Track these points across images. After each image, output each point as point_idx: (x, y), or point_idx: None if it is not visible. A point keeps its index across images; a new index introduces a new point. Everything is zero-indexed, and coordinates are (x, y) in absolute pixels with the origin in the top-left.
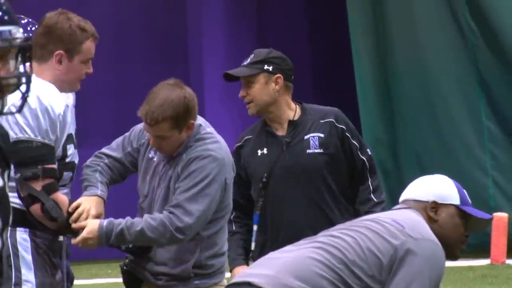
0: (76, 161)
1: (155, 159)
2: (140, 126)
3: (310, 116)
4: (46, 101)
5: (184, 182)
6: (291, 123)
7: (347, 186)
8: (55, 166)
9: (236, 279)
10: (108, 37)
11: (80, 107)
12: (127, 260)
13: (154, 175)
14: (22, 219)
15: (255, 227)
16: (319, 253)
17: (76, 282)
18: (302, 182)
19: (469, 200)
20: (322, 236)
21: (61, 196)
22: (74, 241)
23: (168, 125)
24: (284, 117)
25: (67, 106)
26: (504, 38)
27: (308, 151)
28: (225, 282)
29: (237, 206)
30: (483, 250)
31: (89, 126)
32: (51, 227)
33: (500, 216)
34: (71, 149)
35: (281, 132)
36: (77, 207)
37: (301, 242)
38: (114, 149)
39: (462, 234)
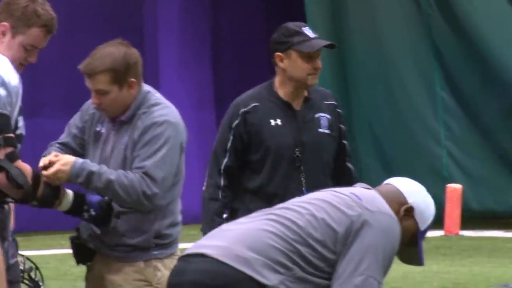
0: (24, 133)
1: (103, 131)
2: (85, 105)
3: (314, 95)
4: (3, 73)
5: (145, 149)
6: (306, 99)
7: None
8: (13, 135)
9: (189, 251)
10: (60, 6)
11: (32, 79)
12: (79, 232)
13: (105, 146)
14: None
15: None
16: (273, 225)
17: (30, 253)
18: (312, 160)
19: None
20: (277, 209)
21: (24, 164)
22: (46, 172)
23: (107, 78)
24: (304, 93)
25: (20, 77)
26: (459, 8)
27: (319, 129)
28: (178, 253)
29: (228, 175)
30: (437, 221)
31: (41, 98)
32: (16, 196)
33: (454, 187)
34: (21, 121)
35: (296, 106)
36: (49, 162)
37: (255, 214)
38: (63, 136)
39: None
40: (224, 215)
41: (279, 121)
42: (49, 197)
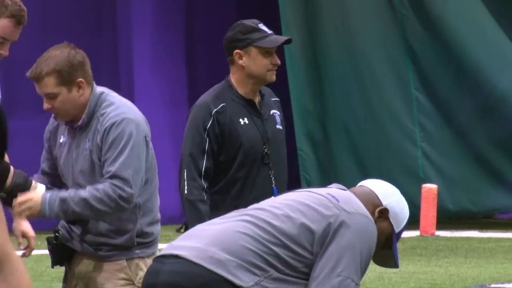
0: None
1: (65, 141)
2: (48, 124)
3: (263, 92)
4: None
5: (110, 152)
6: (263, 96)
7: None
8: None
9: (163, 252)
10: (35, 6)
11: (7, 79)
12: (58, 233)
13: (69, 154)
14: None
15: None
16: (247, 227)
17: None
18: (277, 156)
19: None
20: (252, 210)
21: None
22: (15, 209)
23: (53, 80)
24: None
25: None
26: (432, 8)
27: (277, 126)
28: (157, 253)
29: (207, 177)
30: (412, 221)
31: (17, 98)
32: None
33: (429, 187)
34: None
35: (256, 103)
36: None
37: (230, 214)
38: (41, 161)
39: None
40: None
41: (246, 120)
42: (18, 189)
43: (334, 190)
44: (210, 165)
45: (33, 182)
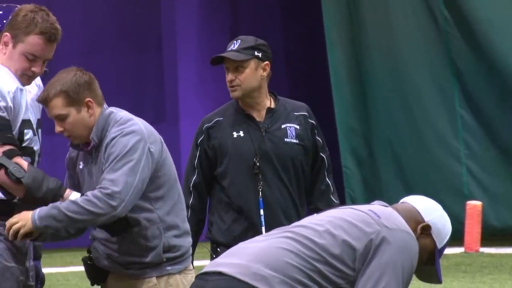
0: (36, 148)
1: (83, 166)
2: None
3: (283, 107)
4: None
5: (108, 163)
6: (270, 110)
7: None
8: (12, 135)
9: (206, 269)
10: (78, 25)
11: None
12: (90, 254)
13: (90, 177)
14: None
15: (261, 212)
16: (290, 243)
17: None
18: (279, 169)
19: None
20: (294, 227)
21: (24, 161)
22: (7, 231)
23: (61, 101)
24: (263, 104)
25: (19, 89)
26: (478, 27)
27: (286, 139)
28: (191, 267)
29: (197, 191)
30: (457, 238)
31: None
32: (19, 194)
33: (474, 204)
34: (29, 134)
35: (258, 118)
36: None
37: (272, 232)
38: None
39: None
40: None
41: (241, 133)
42: (49, 195)
43: (376, 206)
44: (199, 180)
45: (67, 190)
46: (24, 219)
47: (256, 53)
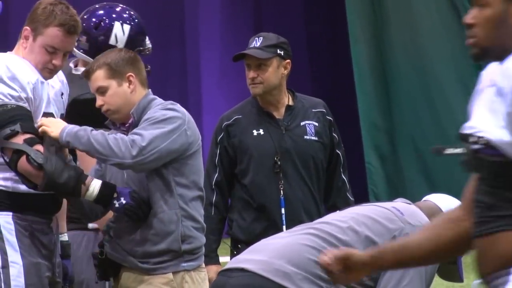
0: None
1: None
2: None
3: (302, 104)
4: (14, 69)
5: (141, 124)
6: (289, 108)
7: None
8: (33, 125)
9: (229, 265)
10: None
11: None
12: (103, 248)
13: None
14: (5, 202)
15: (282, 210)
16: (313, 240)
17: None
18: (300, 167)
19: None
20: (317, 223)
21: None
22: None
23: (103, 73)
24: (282, 102)
25: (40, 81)
26: None
27: (305, 137)
28: (203, 265)
29: (220, 189)
30: None
31: None
32: (40, 181)
33: None
34: None
35: (277, 115)
36: None
37: (295, 228)
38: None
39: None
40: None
41: (261, 131)
42: (71, 181)
43: (399, 203)
44: (221, 178)
45: (89, 177)
46: (56, 127)
47: (278, 51)
